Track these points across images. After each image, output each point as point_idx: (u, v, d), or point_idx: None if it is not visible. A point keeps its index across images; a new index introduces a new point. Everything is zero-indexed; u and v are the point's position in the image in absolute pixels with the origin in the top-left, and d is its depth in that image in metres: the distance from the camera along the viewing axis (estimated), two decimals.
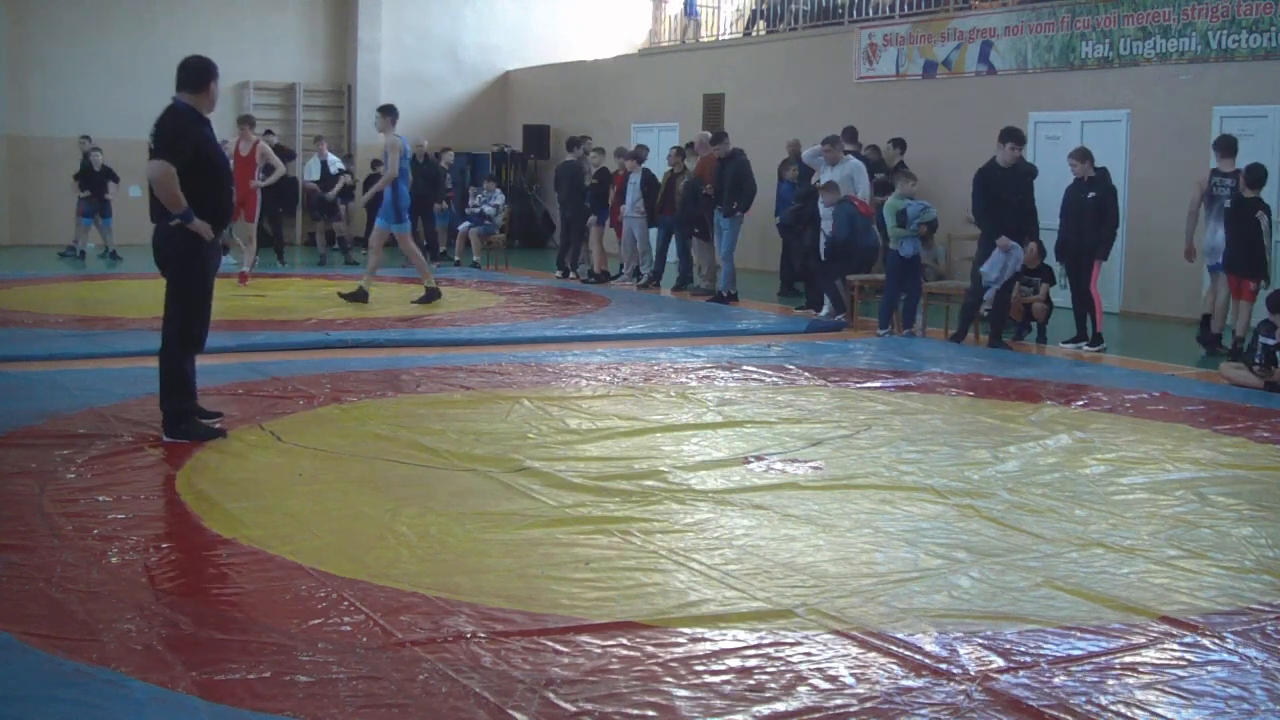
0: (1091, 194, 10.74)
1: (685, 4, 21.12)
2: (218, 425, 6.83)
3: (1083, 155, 10.95)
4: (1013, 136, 10.75)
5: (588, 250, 16.42)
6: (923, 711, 3.55)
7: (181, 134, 6.52)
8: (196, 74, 6.67)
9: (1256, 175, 10.58)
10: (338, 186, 18.02)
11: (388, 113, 12.67)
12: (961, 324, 11.15)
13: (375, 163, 20.50)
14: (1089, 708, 3.59)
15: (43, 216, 18.90)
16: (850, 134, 13.93)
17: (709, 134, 15.67)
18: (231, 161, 10.63)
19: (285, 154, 18.56)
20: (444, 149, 19.15)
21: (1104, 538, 5.26)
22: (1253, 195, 10.55)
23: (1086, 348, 10.73)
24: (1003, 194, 10.63)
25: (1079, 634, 4.17)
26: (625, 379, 8.89)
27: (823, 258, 12.57)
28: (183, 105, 6.64)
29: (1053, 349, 10.88)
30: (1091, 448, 6.95)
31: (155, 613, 4.15)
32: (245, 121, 14.21)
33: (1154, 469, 6.51)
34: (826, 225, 12.46)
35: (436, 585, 4.47)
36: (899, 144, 14.85)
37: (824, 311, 12.53)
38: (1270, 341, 8.98)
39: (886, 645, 4.01)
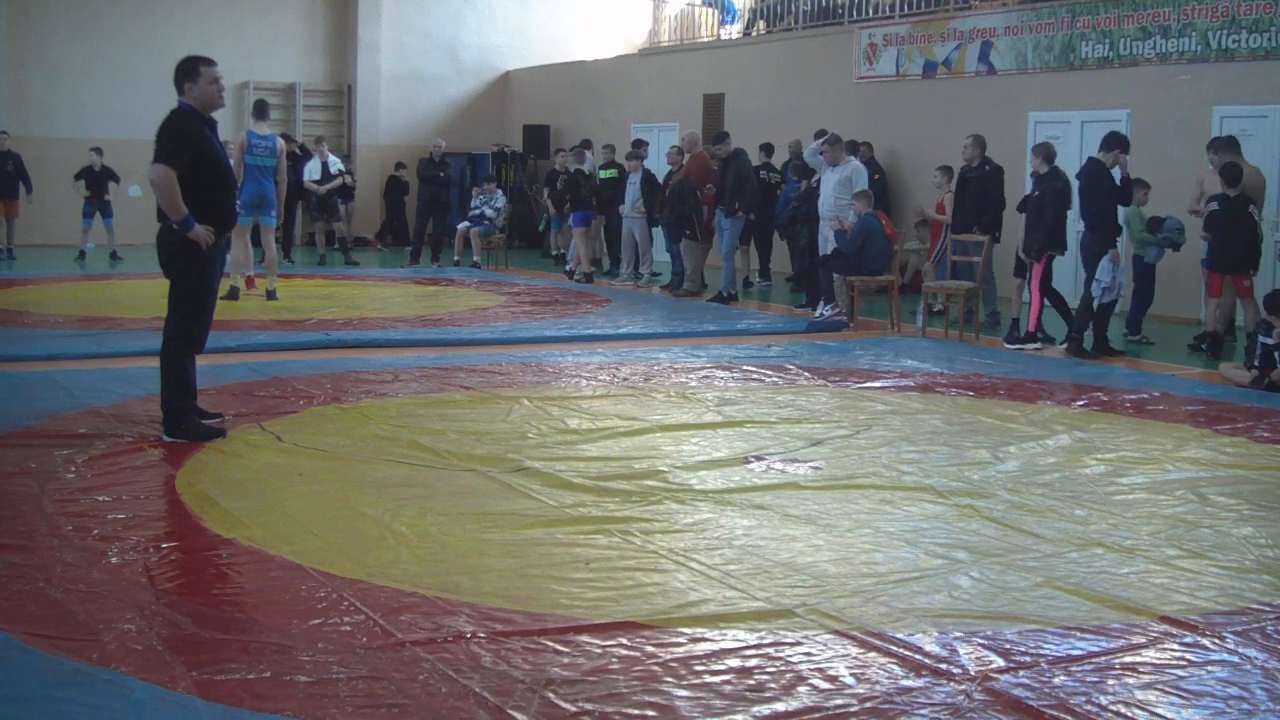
0: (1037, 193, 10.80)
1: (724, 5, 21.08)
2: (218, 425, 6.82)
3: (1037, 150, 11.01)
4: (1119, 143, 10.62)
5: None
6: (923, 711, 3.55)
7: (180, 137, 6.48)
8: (176, 75, 6.66)
9: (1233, 174, 10.61)
10: (333, 184, 18.04)
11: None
12: (1091, 336, 10.65)
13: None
14: (1089, 708, 3.59)
15: (43, 216, 18.89)
16: (834, 140, 13.85)
17: (696, 134, 15.70)
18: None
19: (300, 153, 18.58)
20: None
21: (1104, 538, 5.26)
22: (1236, 193, 10.58)
23: (1018, 343, 10.80)
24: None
25: (1079, 634, 4.17)
26: (625, 379, 8.89)
27: (821, 254, 12.58)
28: (185, 107, 6.62)
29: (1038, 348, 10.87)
30: (1091, 448, 6.95)
31: (155, 613, 4.15)
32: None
33: (1154, 469, 6.51)
34: (827, 226, 12.46)
35: (436, 585, 4.47)
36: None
37: (818, 311, 12.53)
38: (1269, 341, 8.99)
39: (886, 645, 4.01)
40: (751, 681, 3.72)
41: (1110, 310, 10.59)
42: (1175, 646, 4.10)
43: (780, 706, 3.56)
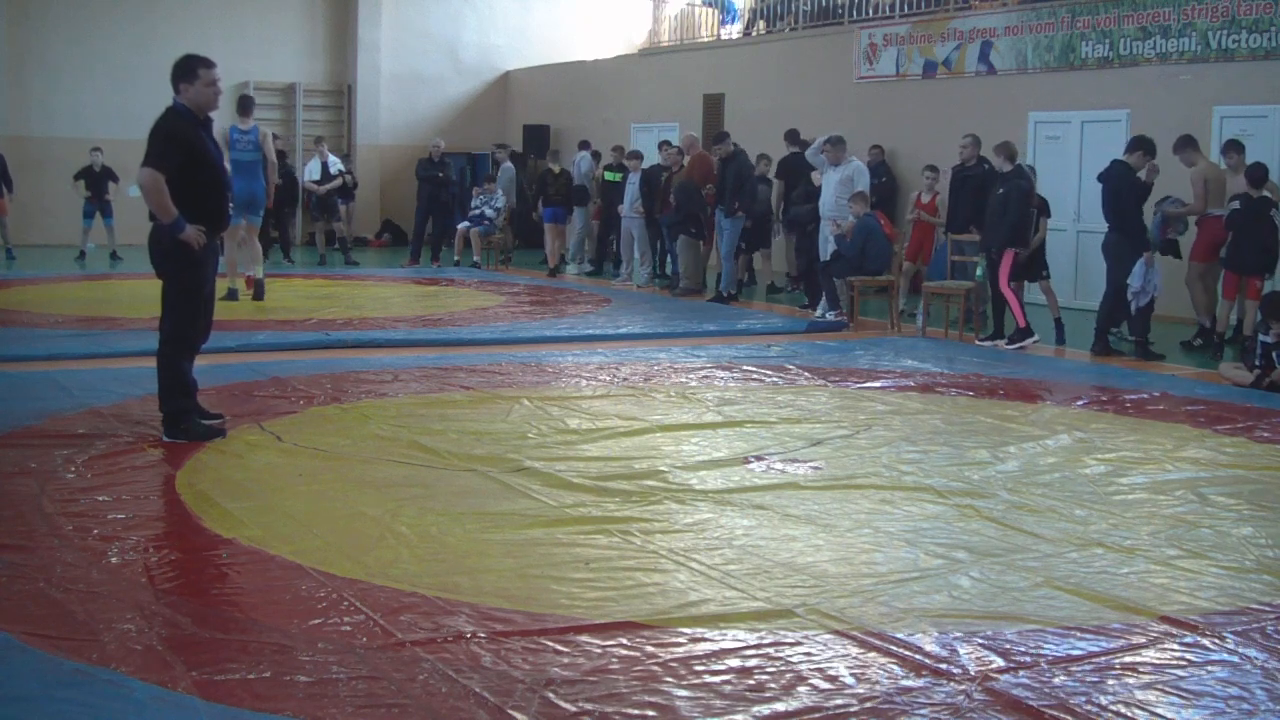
0: (1001, 190, 10.81)
1: (724, 5, 21.09)
2: (218, 425, 6.81)
3: (999, 149, 11.03)
4: (1145, 146, 10.58)
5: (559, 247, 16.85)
6: (923, 711, 3.55)
7: (170, 139, 6.44)
8: (172, 73, 6.63)
9: (1259, 174, 10.62)
10: (333, 184, 18.03)
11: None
12: (1099, 337, 10.62)
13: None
14: (1089, 708, 3.59)
15: (43, 216, 18.90)
16: (837, 140, 13.81)
17: (694, 135, 15.70)
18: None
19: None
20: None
21: (1104, 538, 5.26)
22: (1260, 195, 10.58)
23: (1000, 344, 10.81)
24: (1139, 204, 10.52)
25: (1079, 634, 4.17)
26: (625, 379, 8.89)
27: (823, 258, 12.58)
28: (179, 107, 6.59)
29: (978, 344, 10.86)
30: (1091, 448, 6.94)
31: (155, 613, 4.15)
32: None
33: (1154, 469, 6.51)
34: (827, 227, 12.47)
35: (436, 585, 4.47)
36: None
37: (819, 311, 12.53)
38: (1268, 340, 8.99)
39: (886, 645, 4.01)
40: (751, 681, 3.72)
41: (1149, 313, 10.56)
42: (1175, 646, 4.10)
43: (780, 706, 3.56)
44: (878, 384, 8.88)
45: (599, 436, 6.98)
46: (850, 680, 3.74)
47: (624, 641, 4.00)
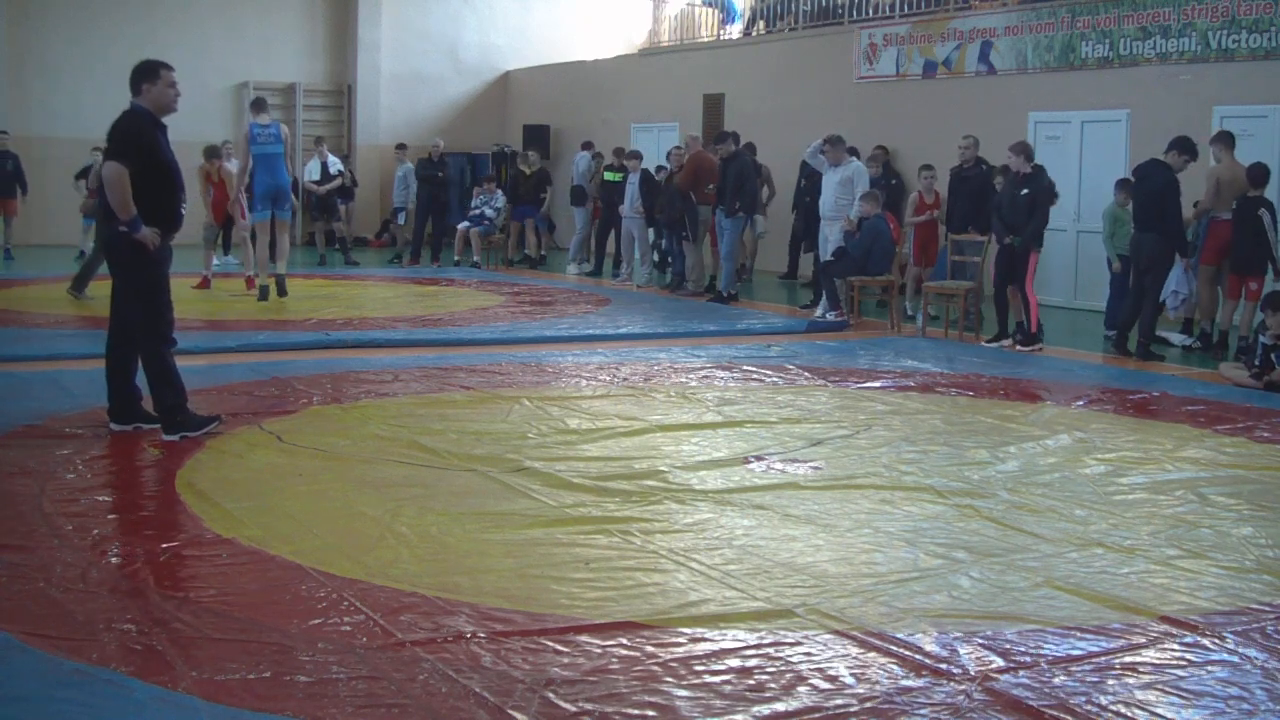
0: (1025, 190, 10.77)
1: (724, 6, 21.10)
2: (218, 424, 6.83)
3: (1020, 149, 10.99)
4: (1184, 146, 10.54)
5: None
6: (923, 711, 3.55)
7: (133, 137, 6.50)
8: (133, 76, 6.68)
9: (1255, 174, 10.62)
10: (332, 184, 18.03)
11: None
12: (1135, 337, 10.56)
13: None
14: (1089, 708, 3.59)
15: (43, 216, 18.89)
16: (836, 140, 13.78)
17: (695, 136, 15.72)
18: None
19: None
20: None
21: (1104, 538, 5.26)
22: (1255, 194, 10.58)
23: (1006, 344, 10.81)
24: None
25: (1079, 634, 4.18)
26: (625, 379, 8.89)
27: (823, 258, 12.58)
28: (139, 108, 6.64)
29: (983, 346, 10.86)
30: (1091, 448, 6.95)
31: (155, 613, 4.15)
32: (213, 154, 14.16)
33: (1154, 469, 6.51)
34: (829, 228, 12.46)
35: (436, 585, 4.47)
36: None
37: (819, 311, 12.52)
38: (1267, 341, 8.98)
39: (886, 645, 4.01)
40: (751, 681, 3.72)
41: (1155, 315, 10.59)
42: (1175, 646, 4.10)
43: (780, 706, 3.56)
44: (878, 384, 8.88)
45: (599, 436, 6.98)
46: (850, 680, 3.74)
47: (624, 641, 4.00)
